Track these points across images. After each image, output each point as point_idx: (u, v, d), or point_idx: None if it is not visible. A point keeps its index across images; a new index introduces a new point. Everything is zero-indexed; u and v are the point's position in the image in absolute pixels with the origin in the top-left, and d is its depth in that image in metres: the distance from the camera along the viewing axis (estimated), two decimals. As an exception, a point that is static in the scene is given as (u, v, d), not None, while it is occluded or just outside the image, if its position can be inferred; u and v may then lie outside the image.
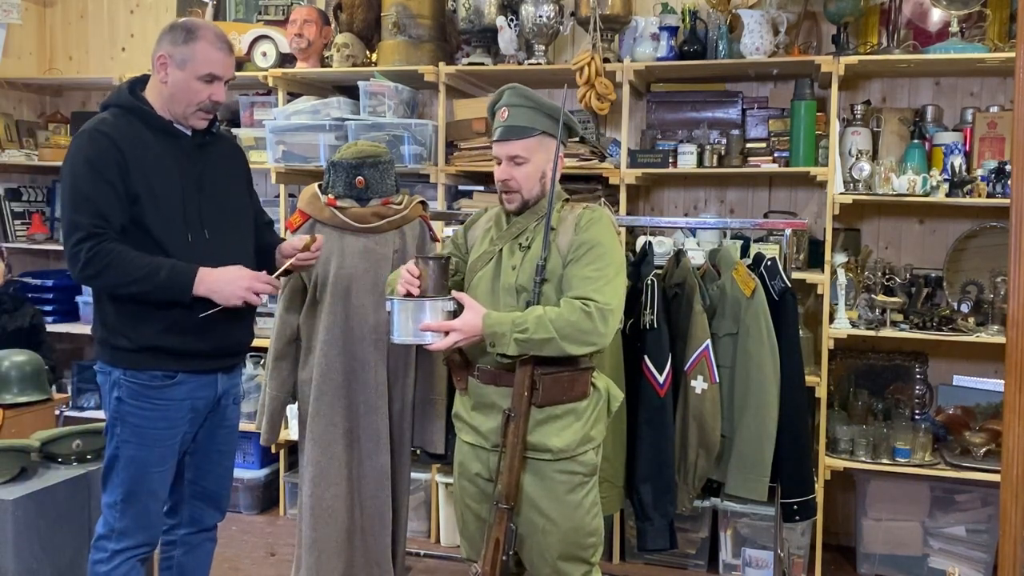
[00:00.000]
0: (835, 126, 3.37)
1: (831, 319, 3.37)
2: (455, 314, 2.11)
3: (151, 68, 2.32)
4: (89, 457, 2.88)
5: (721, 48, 3.56)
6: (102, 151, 2.20)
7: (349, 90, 3.91)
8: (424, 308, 2.09)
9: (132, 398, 2.30)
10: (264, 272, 2.32)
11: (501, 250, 2.25)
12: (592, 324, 2.05)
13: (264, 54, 4.08)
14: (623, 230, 3.49)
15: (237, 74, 4.13)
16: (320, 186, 2.81)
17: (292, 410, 3.10)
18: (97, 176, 2.18)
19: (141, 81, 2.36)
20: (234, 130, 4.12)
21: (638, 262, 3.00)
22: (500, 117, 2.24)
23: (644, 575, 3.56)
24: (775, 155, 3.53)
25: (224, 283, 2.22)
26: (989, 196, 3.25)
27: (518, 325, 2.05)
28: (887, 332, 3.35)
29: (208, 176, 2.37)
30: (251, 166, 3.96)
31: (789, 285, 2.90)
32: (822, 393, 3.36)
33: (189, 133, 2.36)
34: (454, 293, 2.14)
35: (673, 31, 3.64)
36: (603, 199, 3.46)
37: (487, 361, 2.18)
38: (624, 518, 3.56)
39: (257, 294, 2.26)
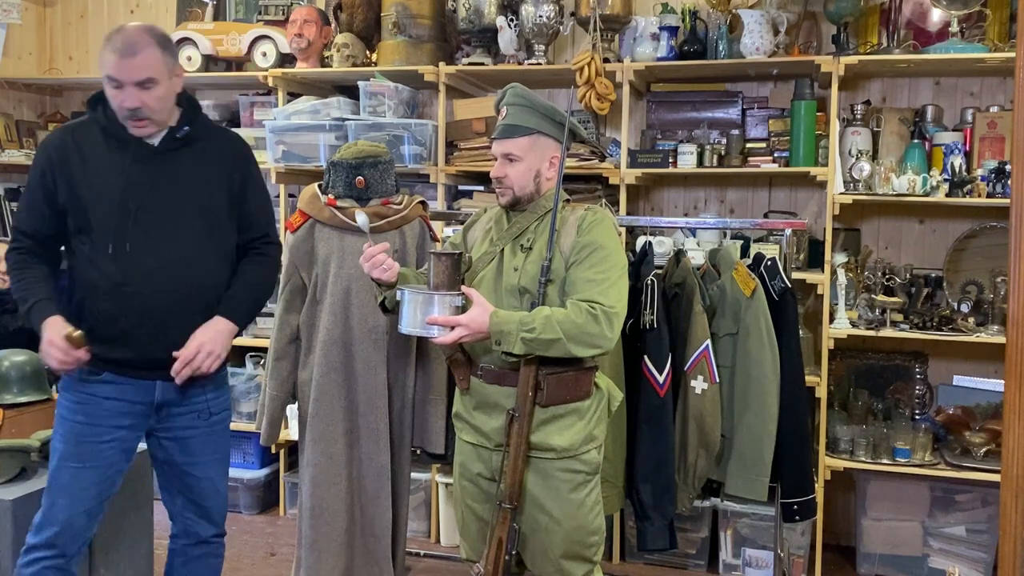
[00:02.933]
0: (835, 126, 3.37)
1: (831, 319, 3.37)
2: (463, 309, 2.11)
3: None
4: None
5: (721, 48, 3.56)
6: (38, 164, 2.30)
7: (349, 90, 3.91)
8: (432, 301, 2.11)
9: (64, 390, 2.33)
10: (63, 341, 2.18)
11: (502, 250, 2.25)
12: (599, 327, 2.06)
13: (264, 54, 4.08)
14: (623, 230, 3.49)
15: (237, 74, 4.19)
16: (320, 186, 2.81)
17: (292, 410, 3.10)
18: (31, 189, 2.31)
19: None
20: (234, 130, 4.11)
21: (638, 262, 3.00)
22: (500, 116, 2.26)
23: (644, 575, 3.56)
24: (775, 155, 3.53)
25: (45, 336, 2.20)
26: (989, 196, 3.25)
27: (525, 324, 2.05)
28: (887, 332, 3.35)
29: (162, 184, 2.27)
30: None
31: (789, 285, 2.90)
32: (822, 393, 3.36)
33: (156, 140, 2.28)
34: (464, 289, 2.14)
35: (673, 31, 3.64)
36: (604, 200, 3.46)
37: (490, 360, 2.18)
38: (624, 518, 3.56)
39: (55, 360, 2.19)
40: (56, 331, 2.19)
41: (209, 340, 2.30)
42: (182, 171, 2.31)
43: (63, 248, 2.35)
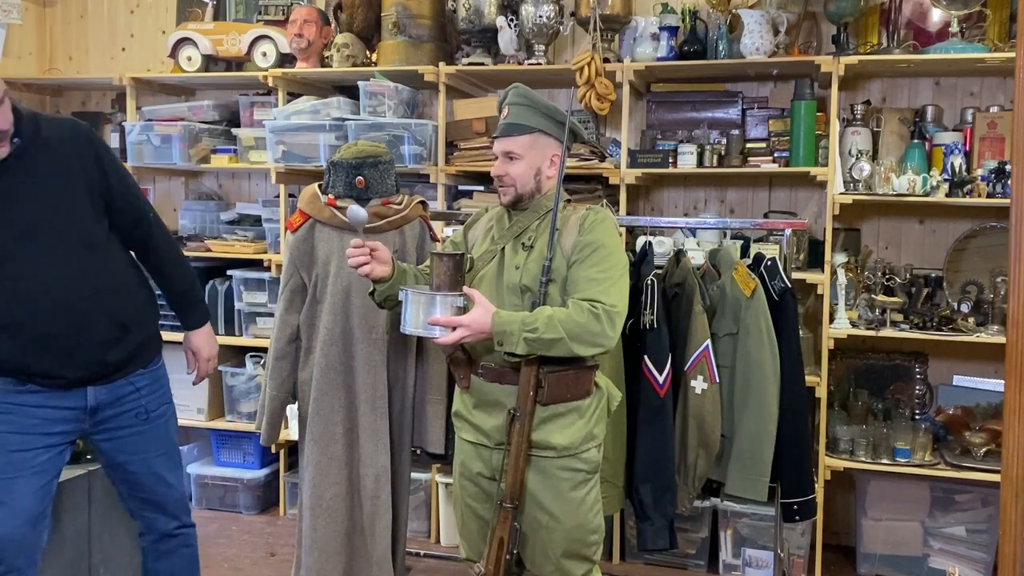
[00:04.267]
0: (835, 126, 3.37)
1: (831, 319, 3.37)
2: (465, 310, 2.12)
3: None
4: (88, 457, 2.87)
5: (721, 48, 3.56)
6: None
7: (349, 90, 3.91)
8: (435, 302, 2.11)
9: None
10: None
11: (503, 249, 2.26)
12: (601, 326, 2.06)
13: (264, 54, 4.08)
14: (623, 230, 3.49)
15: (237, 74, 4.19)
16: (320, 186, 2.81)
17: (292, 410, 3.10)
18: None
19: None
20: (234, 130, 4.13)
21: (638, 262, 3.00)
22: (502, 115, 2.27)
23: (644, 575, 3.56)
24: (775, 155, 3.53)
25: None
26: (989, 196, 3.25)
27: (527, 325, 2.05)
28: (887, 332, 3.35)
29: (13, 203, 2.12)
30: (251, 166, 4.06)
31: (789, 285, 2.90)
32: (822, 393, 3.36)
33: None
34: (466, 290, 2.15)
35: (673, 31, 3.64)
36: (605, 200, 3.46)
37: (491, 359, 2.18)
38: (624, 518, 3.56)
39: None
40: None
41: (207, 345, 2.45)
42: (33, 184, 2.14)
43: None
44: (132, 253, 2.42)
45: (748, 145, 3.61)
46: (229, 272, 4.07)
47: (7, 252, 2.13)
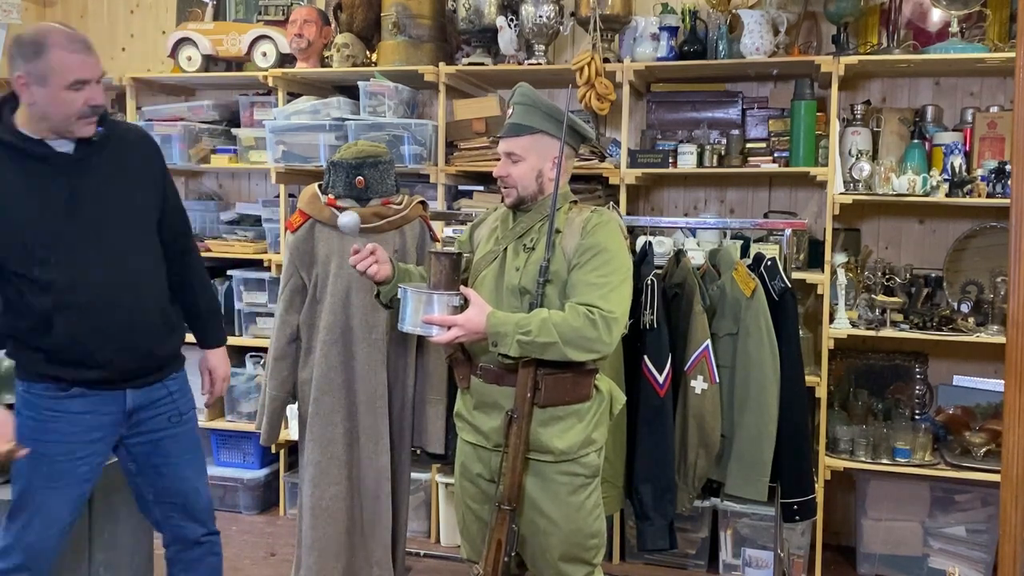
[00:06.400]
0: (835, 126, 3.37)
1: (831, 319, 3.37)
2: (462, 309, 2.11)
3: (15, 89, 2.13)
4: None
5: (721, 48, 3.56)
6: None
7: (349, 90, 3.91)
8: (432, 301, 2.11)
9: (27, 409, 2.21)
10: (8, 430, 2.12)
11: (505, 250, 2.25)
12: (596, 332, 2.04)
13: (264, 54, 4.08)
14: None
15: (237, 74, 4.19)
16: (320, 186, 2.81)
17: (292, 410, 3.10)
18: None
19: (11, 100, 2.17)
20: (234, 130, 4.13)
21: (638, 262, 2.99)
22: (507, 115, 2.26)
23: (644, 575, 3.56)
24: (775, 155, 3.53)
25: None
26: (989, 196, 3.25)
27: (522, 327, 2.04)
28: (887, 332, 3.35)
29: (87, 192, 2.18)
30: (251, 166, 4.06)
31: (789, 285, 2.90)
32: (822, 393, 3.36)
33: (70, 148, 2.17)
34: (463, 289, 2.14)
35: (673, 31, 3.64)
36: (612, 203, 3.45)
37: (489, 360, 2.17)
38: (624, 518, 3.56)
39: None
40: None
41: (223, 365, 2.53)
42: (106, 175, 2.22)
43: None
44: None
45: (748, 145, 3.60)
46: (229, 272, 4.08)
47: (73, 237, 2.17)
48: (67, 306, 2.16)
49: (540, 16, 3.60)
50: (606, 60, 3.55)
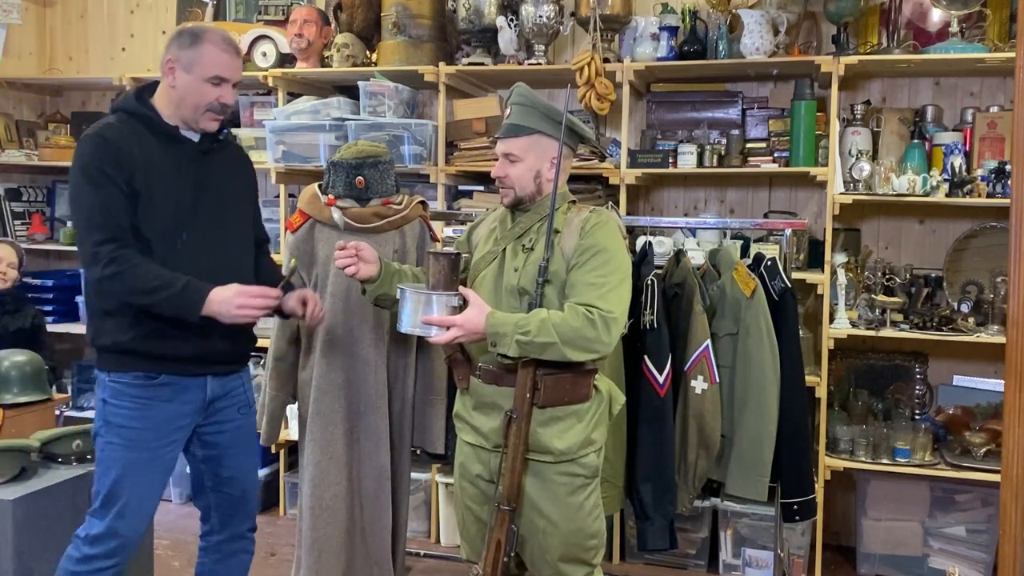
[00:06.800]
0: (835, 126, 3.37)
1: (831, 319, 3.37)
2: (461, 309, 2.11)
3: (161, 72, 2.32)
4: (89, 457, 2.87)
5: (721, 48, 3.56)
6: (106, 154, 2.21)
7: (349, 90, 3.91)
8: (430, 301, 2.11)
9: (115, 398, 2.29)
10: (257, 286, 2.28)
11: (504, 250, 2.25)
12: (595, 332, 2.04)
13: (264, 54, 4.08)
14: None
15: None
16: (320, 186, 2.81)
17: (292, 410, 3.10)
18: (105, 179, 2.19)
19: (150, 87, 2.36)
20: (234, 130, 4.12)
21: (638, 262, 3.00)
22: (505, 115, 2.26)
23: (644, 575, 3.56)
24: (775, 155, 3.54)
25: (220, 302, 2.20)
26: (989, 196, 3.25)
27: (521, 327, 2.04)
28: (887, 332, 3.35)
29: (209, 182, 2.36)
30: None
31: (789, 285, 2.90)
32: (822, 393, 3.36)
33: (196, 139, 2.34)
34: (462, 290, 2.14)
35: (673, 31, 3.64)
36: (611, 203, 3.45)
37: (489, 360, 2.17)
38: (624, 518, 3.56)
39: (258, 310, 2.24)
40: (237, 288, 2.21)
41: (304, 292, 2.54)
42: (223, 171, 2.42)
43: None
44: None
45: (748, 145, 3.61)
46: (229, 272, 4.07)
47: (196, 220, 2.31)
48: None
49: (540, 16, 3.60)
50: (606, 60, 3.55)
